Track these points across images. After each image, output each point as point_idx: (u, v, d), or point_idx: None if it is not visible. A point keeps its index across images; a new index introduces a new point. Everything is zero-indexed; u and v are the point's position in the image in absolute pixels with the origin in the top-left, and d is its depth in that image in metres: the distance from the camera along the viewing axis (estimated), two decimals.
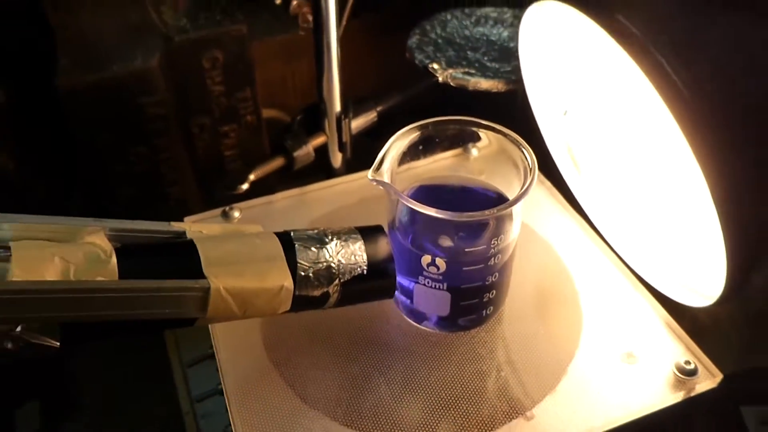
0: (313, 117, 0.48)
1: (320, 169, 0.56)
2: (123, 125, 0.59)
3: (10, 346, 0.28)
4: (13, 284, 0.27)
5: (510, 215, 0.34)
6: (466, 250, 0.34)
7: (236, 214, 0.46)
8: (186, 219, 0.46)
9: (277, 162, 0.47)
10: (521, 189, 0.34)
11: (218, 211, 0.46)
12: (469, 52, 0.58)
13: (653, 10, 0.33)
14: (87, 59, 0.55)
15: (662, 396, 0.36)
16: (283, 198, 0.48)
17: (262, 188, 0.54)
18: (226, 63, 0.61)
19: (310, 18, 0.57)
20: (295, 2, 0.56)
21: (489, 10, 0.64)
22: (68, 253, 0.29)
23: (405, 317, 0.39)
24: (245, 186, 0.46)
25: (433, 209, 0.32)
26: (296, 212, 0.47)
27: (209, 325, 0.40)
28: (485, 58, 0.57)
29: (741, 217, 0.32)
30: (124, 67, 0.57)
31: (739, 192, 0.31)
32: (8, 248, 0.28)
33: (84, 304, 0.28)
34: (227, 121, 0.64)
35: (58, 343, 0.28)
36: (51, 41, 0.55)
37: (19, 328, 0.27)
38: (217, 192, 0.51)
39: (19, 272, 0.27)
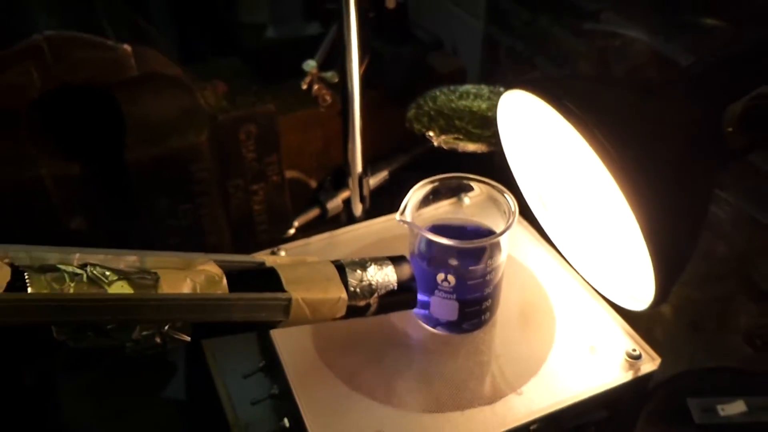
0: (340, 177, 0.61)
1: (337, 218, 0.69)
2: (175, 188, 0.72)
3: (158, 340, 0.39)
4: (165, 295, 0.39)
5: (498, 243, 0.47)
6: (470, 268, 0.47)
7: (282, 253, 0.58)
8: None
9: (314, 212, 0.60)
10: (506, 224, 0.47)
11: (268, 251, 0.58)
12: (456, 121, 0.72)
13: (590, 98, 0.47)
14: (149, 137, 0.68)
15: (617, 376, 0.49)
16: (317, 240, 0.60)
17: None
18: (258, 135, 0.74)
19: (328, 98, 0.71)
20: (316, 86, 0.70)
21: (469, 87, 0.78)
22: (194, 276, 0.41)
23: (422, 324, 0.52)
24: (292, 231, 0.58)
25: (446, 239, 0.45)
26: (329, 250, 0.59)
27: (272, 339, 0.52)
28: (469, 126, 0.71)
29: (661, 246, 0.44)
30: (179, 142, 0.69)
31: (659, 227, 0.43)
32: (155, 273, 0.40)
33: (208, 310, 0.40)
34: (257, 181, 0.77)
35: (189, 338, 0.40)
36: (120, 123, 0.67)
37: (166, 327, 0.39)
38: (272, 234, 0.63)
39: (166, 288, 0.39)
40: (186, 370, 0.80)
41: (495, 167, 0.65)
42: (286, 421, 0.51)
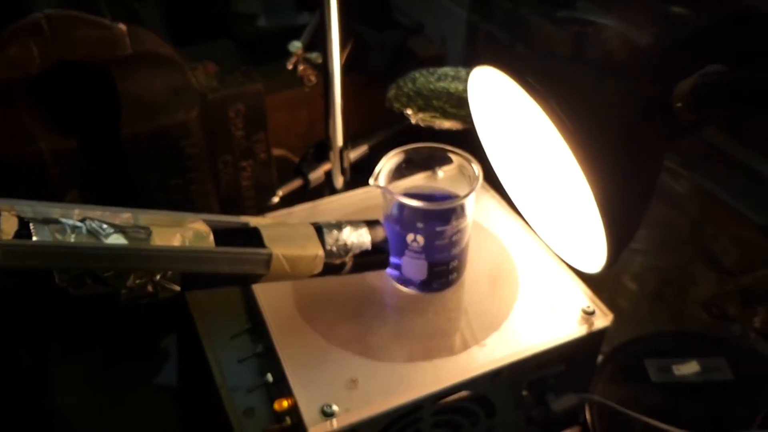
0: (322, 150, 0.65)
1: (318, 190, 0.72)
2: (166, 163, 0.76)
3: (150, 289, 0.43)
4: (156, 246, 0.43)
5: (463, 206, 0.52)
6: (437, 229, 0.51)
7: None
8: None
9: (297, 182, 0.64)
10: (470, 188, 0.51)
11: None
12: (434, 101, 0.76)
13: (551, 75, 0.51)
14: (143, 113, 0.72)
15: (573, 330, 0.53)
16: (300, 210, 0.64)
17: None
18: (247, 113, 0.78)
19: (313, 78, 0.75)
20: (301, 67, 0.74)
21: (447, 69, 0.82)
22: (184, 232, 0.45)
23: (395, 283, 0.56)
24: (276, 199, 0.62)
25: (416, 201, 0.49)
26: (311, 219, 0.62)
27: (256, 297, 0.56)
28: (446, 105, 0.75)
29: (612, 212, 0.48)
30: (170, 119, 0.73)
31: (610, 195, 0.47)
32: (148, 228, 0.44)
33: (195, 261, 0.44)
34: (245, 158, 0.81)
35: (179, 288, 0.44)
36: (115, 100, 0.71)
37: (158, 277, 0.43)
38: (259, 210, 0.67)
39: (158, 241, 0.43)
40: (178, 356, 0.83)
41: (470, 144, 0.69)
42: (269, 376, 0.55)
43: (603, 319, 0.54)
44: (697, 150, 0.74)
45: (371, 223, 0.52)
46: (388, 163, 0.53)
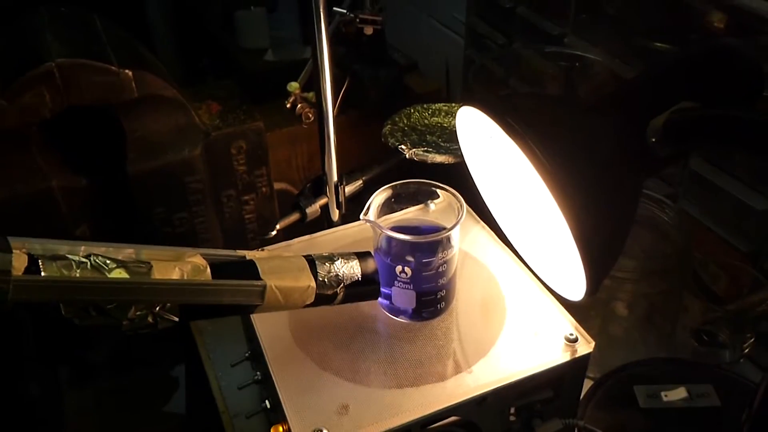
0: (318, 184, 0.68)
1: (316, 223, 0.75)
2: (172, 198, 0.79)
3: (150, 320, 0.46)
4: (156, 280, 0.45)
5: (449, 238, 0.54)
6: (424, 261, 0.54)
7: None
8: None
9: (295, 216, 0.67)
10: (455, 221, 0.54)
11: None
12: (428, 136, 0.79)
13: (530, 114, 0.53)
14: (149, 151, 0.75)
15: (557, 356, 0.55)
16: (298, 242, 0.67)
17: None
18: (248, 149, 0.81)
19: (311, 116, 0.78)
20: (299, 105, 0.77)
21: (441, 105, 0.86)
22: (182, 266, 0.48)
23: (386, 313, 0.58)
24: (274, 232, 0.65)
25: (403, 235, 0.52)
26: (308, 251, 0.66)
27: (254, 326, 0.58)
28: (440, 140, 0.78)
29: (589, 246, 0.49)
30: (175, 156, 0.77)
31: (587, 230, 0.49)
32: (149, 262, 0.47)
33: (193, 293, 0.47)
34: (248, 192, 0.84)
35: (177, 319, 0.47)
36: (122, 140, 0.75)
37: (157, 308, 0.46)
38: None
39: (158, 274, 0.46)
40: (187, 385, 0.86)
41: (463, 177, 0.72)
42: (267, 402, 0.58)
43: (585, 347, 0.56)
44: (683, 180, 0.77)
45: (362, 255, 0.55)
46: (377, 198, 0.56)
